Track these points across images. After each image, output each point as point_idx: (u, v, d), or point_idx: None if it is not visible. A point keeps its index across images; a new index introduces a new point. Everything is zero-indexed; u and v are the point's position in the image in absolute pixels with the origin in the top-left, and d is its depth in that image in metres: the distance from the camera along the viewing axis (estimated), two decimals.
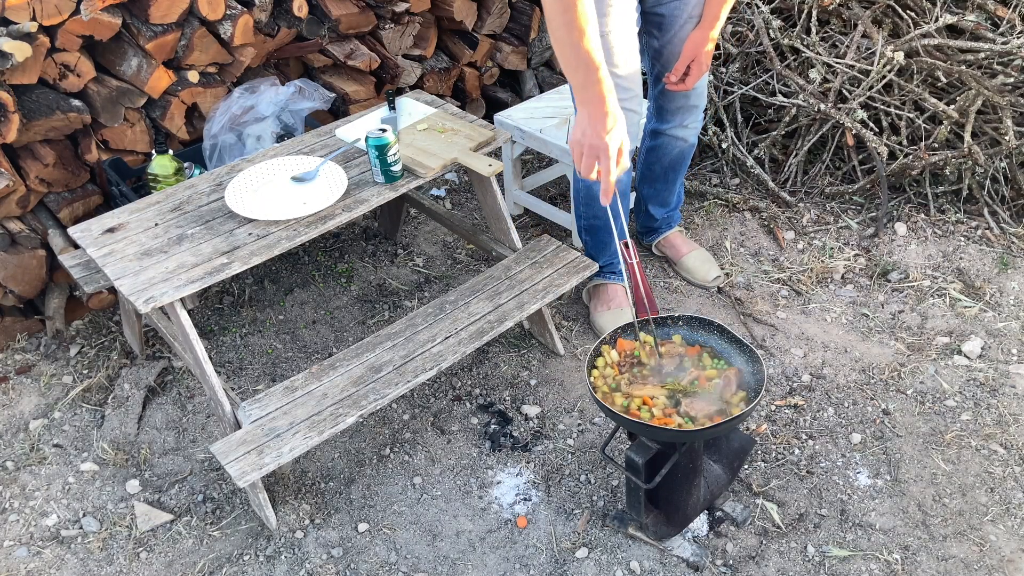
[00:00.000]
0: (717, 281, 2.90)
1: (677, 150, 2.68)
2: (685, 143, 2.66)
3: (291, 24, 2.96)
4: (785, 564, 2.08)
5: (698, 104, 2.57)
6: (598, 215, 2.52)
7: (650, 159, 2.75)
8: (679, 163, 2.74)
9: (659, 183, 2.81)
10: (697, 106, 2.57)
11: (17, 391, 2.66)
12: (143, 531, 2.24)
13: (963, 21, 2.97)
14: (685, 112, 2.58)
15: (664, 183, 2.81)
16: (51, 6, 2.45)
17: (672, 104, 2.56)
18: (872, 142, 3.05)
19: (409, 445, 2.43)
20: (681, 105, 2.56)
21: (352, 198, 2.30)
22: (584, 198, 2.56)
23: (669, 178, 2.79)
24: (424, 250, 3.15)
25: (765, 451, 2.35)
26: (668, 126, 2.62)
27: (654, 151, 2.71)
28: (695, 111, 2.59)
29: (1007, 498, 2.20)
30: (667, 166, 2.74)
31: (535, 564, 2.11)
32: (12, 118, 2.44)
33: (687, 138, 2.65)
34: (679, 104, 2.56)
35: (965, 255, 2.98)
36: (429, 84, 3.37)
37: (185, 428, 2.52)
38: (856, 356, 2.63)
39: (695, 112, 2.59)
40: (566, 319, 2.81)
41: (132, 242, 2.19)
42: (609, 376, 1.98)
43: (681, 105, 2.56)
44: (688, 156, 2.73)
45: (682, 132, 2.63)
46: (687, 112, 2.58)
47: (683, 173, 2.81)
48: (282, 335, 2.81)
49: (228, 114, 2.77)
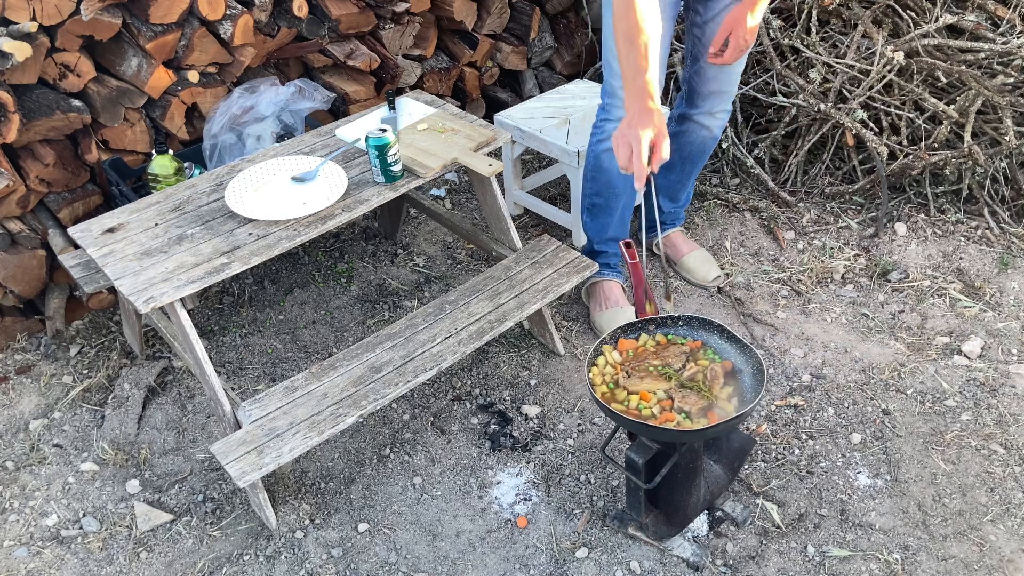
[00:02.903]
0: (717, 281, 2.90)
1: (700, 140, 2.69)
2: (709, 133, 2.67)
3: (291, 24, 2.96)
4: (785, 564, 2.08)
5: (728, 91, 2.58)
6: (600, 193, 2.56)
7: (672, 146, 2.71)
8: (699, 155, 2.75)
9: (674, 173, 2.80)
10: (728, 92, 2.58)
11: (17, 391, 2.66)
12: (143, 531, 2.24)
13: (963, 21, 2.97)
14: (715, 98, 2.58)
15: (680, 174, 2.81)
16: (51, 6, 2.45)
17: (704, 87, 2.57)
18: (872, 142, 3.05)
19: (409, 445, 2.43)
20: (713, 90, 2.56)
21: (352, 198, 2.30)
22: (591, 171, 2.57)
23: (686, 170, 2.80)
24: (424, 250, 3.15)
25: (765, 451, 2.35)
26: (697, 111, 2.63)
27: (677, 137, 2.67)
28: (725, 98, 2.59)
29: (1007, 498, 2.20)
30: (686, 156, 2.74)
31: (535, 564, 2.11)
32: (12, 118, 2.44)
33: (712, 128, 2.66)
34: (711, 89, 2.56)
35: (965, 255, 2.98)
36: (429, 84, 3.37)
37: (185, 428, 2.52)
38: (856, 356, 2.63)
39: (724, 100, 2.60)
40: (566, 319, 2.81)
41: (132, 242, 2.19)
42: (609, 375, 1.98)
43: (713, 90, 2.56)
44: (708, 150, 2.74)
45: (709, 120, 2.64)
46: (717, 98, 2.58)
47: (699, 168, 2.82)
48: (282, 335, 2.81)
49: (228, 114, 2.77)
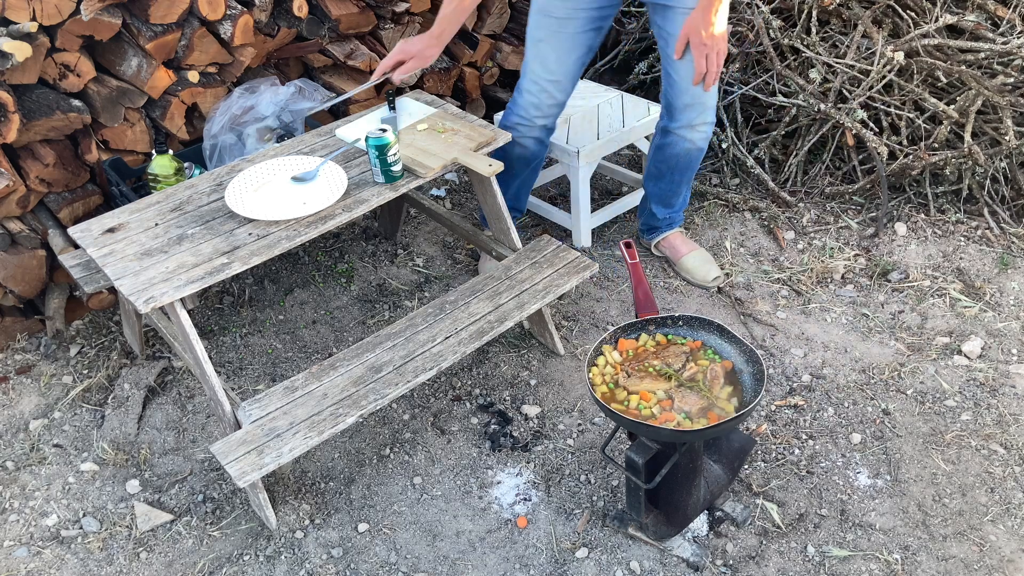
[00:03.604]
0: (717, 281, 2.90)
1: (684, 151, 2.70)
2: (693, 145, 2.68)
3: (291, 24, 2.96)
4: (785, 564, 2.08)
5: (705, 103, 2.58)
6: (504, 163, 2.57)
7: (658, 157, 2.78)
8: (686, 165, 2.76)
9: (664, 182, 2.82)
10: (705, 104, 2.59)
11: (17, 391, 2.66)
12: (143, 531, 2.24)
13: (963, 21, 2.97)
14: (692, 111, 2.60)
15: (669, 183, 2.82)
16: (51, 6, 2.45)
17: (679, 100, 2.59)
18: (872, 142, 3.05)
19: (409, 445, 2.43)
20: (688, 103, 2.58)
21: (352, 198, 2.30)
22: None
23: (675, 179, 2.80)
24: (424, 250, 3.15)
25: (765, 451, 2.35)
26: (676, 124, 2.65)
27: (662, 149, 2.75)
28: (703, 111, 2.60)
29: (1007, 498, 2.20)
30: (673, 166, 2.76)
31: (535, 564, 2.11)
32: (12, 118, 2.44)
33: (695, 140, 2.67)
34: (685, 102, 2.58)
35: (965, 255, 2.98)
36: (429, 84, 3.37)
37: (185, 428, 2.52)
38: (856, 356, 2.63)
39: (703, 112, 2.60)
40: (566, 319, 2.81)
41: (132, 242, 2.19)
42: (609, 375, 1.98)
43: (688, 103, 2.58)
44: (696, 160, 2.75)
45: (690, 133, 2.65)
46: (694, 111, 2.60)
47: (689, 176, 2.82)
48: (282, 335, 2.81)
49: (228, 114, 2.77)
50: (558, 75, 2.59)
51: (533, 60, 2.60)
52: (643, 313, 2.09)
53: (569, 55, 2.56)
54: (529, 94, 2.65)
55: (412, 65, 2.51)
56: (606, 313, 2.84)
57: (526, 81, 2.65)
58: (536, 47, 2.58)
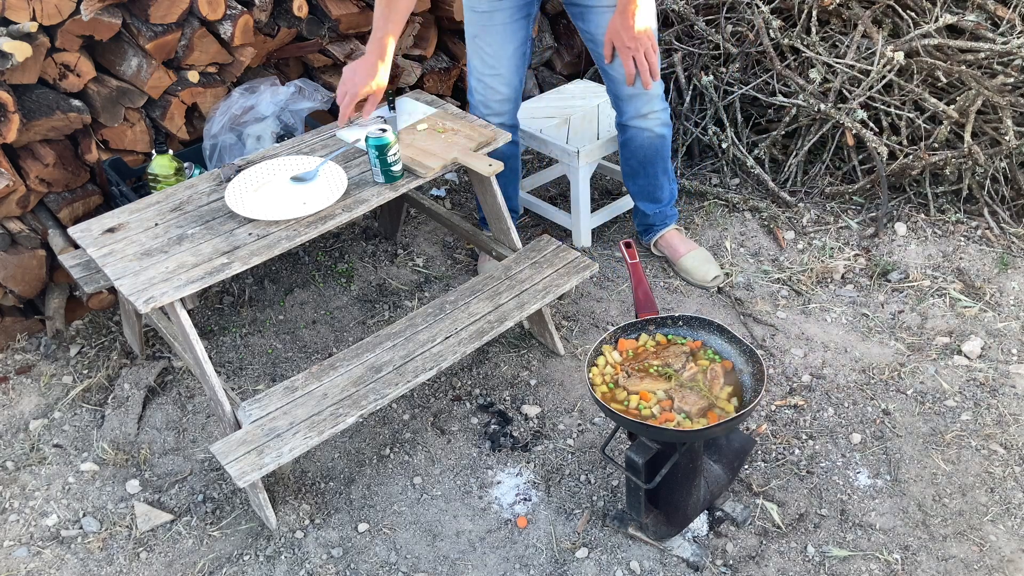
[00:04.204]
0: (716, 281, 2.90)
1: (647, 142, 2.71)
2: (652, 134, 2.69)
3: (291, 24, 2.96)
4: (785, 564, 2.08)
5: (648, 92, 2.59)
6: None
7: (625, 154, 2.81)
8: (653, 156, 2.76)
9: (640, 177, 2.84)
10: (647, 93, 2.59)
11: (17, 391, 2.66)
12: (143, 531, 2.24)
13: (963, 21, 2.97)
14: (638, 100, 2.61)
15: (645, 177, 2.83)
16: (51, 6, 2.45)
17: (621, 92, 2.62)
18: (872, 142, 3.05)
19: (409, 445, 2.43)
20: (629, 94, 2.60)
21: (352, 198, 2.30)
22: None
23: (648, 172, 2.81)
24: (424, 250, 3.15)
25: (765, 451, 2.35)
26: (626, 117, 2.68)
27: (626, 145, 2.77)
28: (648, 99, 2.61)
29: (1007, 498, 2.20)
30: (642, 159, 2.77)
31: (535, 564, 2.11)
32: (12, 118, 2.44)
33: (652, 128, 2.68)
34: (627, 93, 2.60)
35: (965, 255, 2.98)
36: (429, 84, 3.37)
37: (185, 428, 2.52)
38: (856, 356, 2.63)
39: (649, 101, 2.61)
40: (566, 319, 2.81)
41: (132, 242, 2.19)
42: (609, 375, 1.98)
43: (629, 94, 2.60)
44: (662, 149, 2.75)
45: (643, 123, 2.66)
46: (640, 100, 2.61)
47: (664, 167, 2.82)
48: (282, 335, 2.81)
49: (228, 114, 2.77)
50: (498, 68, 2.61)
51: (473, 57, 2.64)
52: (643, 313, 2.09)
53: (504, 47, 2.58)
54: (477, 92, 2.68)
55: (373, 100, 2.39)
56: (606, 313, 2.84)
57: (472, 80, 2.68)
58: (473, 44, 2.62)
